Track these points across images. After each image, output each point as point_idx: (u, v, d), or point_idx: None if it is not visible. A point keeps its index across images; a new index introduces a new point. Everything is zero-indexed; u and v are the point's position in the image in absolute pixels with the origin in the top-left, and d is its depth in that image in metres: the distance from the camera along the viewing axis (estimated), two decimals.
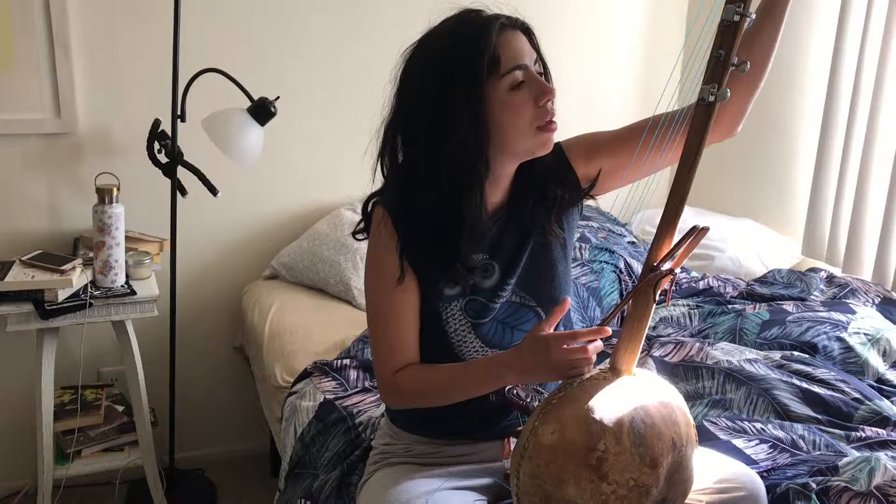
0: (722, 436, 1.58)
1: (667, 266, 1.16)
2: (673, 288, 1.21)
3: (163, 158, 2.27)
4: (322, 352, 2.11)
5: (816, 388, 1.72)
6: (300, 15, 2.54)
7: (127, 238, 2.33)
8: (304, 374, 1.95)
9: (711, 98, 1.09)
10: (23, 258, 2.12)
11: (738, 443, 1.55)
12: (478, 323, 1.39)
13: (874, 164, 2.35)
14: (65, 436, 2.28)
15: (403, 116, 1.33)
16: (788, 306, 2.13)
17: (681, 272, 2.53)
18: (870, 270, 2.39)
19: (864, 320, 2.03)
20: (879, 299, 2.24)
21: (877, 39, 2.32)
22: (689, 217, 2.88)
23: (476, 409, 1.40)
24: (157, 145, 2.27)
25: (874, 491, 1.35)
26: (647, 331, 1.20)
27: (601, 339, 1.21)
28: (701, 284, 2.39)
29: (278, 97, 2.21)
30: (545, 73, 1.33)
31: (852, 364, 1.92)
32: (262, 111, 2.16)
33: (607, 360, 1.23)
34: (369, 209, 1.41)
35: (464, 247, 1.33)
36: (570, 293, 1.49)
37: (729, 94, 1.09)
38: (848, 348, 1.94)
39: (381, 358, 1.39)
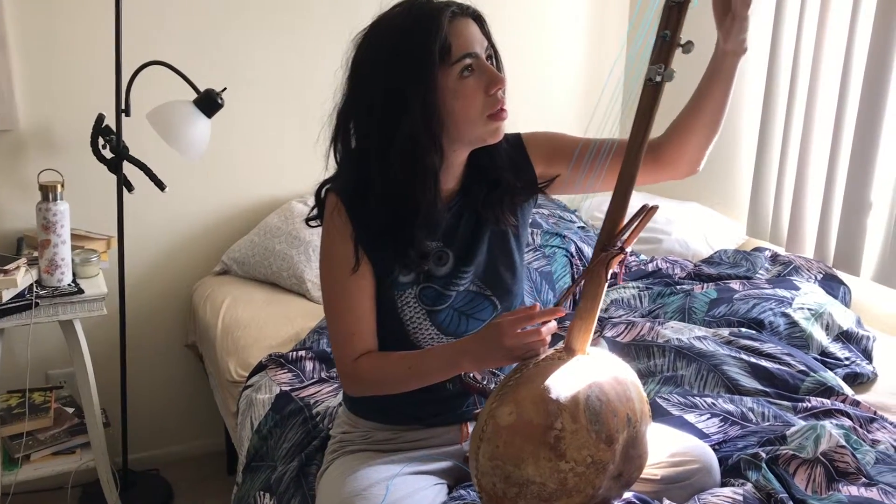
0: (674, 411, 1.61)
1: (618, 246, 1.18)
2: (624, 268, 1.23)
3: (107, 154, 2.23)
4: (276, 345, 2.09)
5: (764, 363, 1.77)
6: (244, 4, 2.51)
7: (73, 236, 2.28)
8: (259, 368, 1.93)
9: (658, 78, 1.10)
10: None
11: (690, 417, 1.58)
12: (433, 310, 1.40)
13: (813, 147, 2.42)
14: (13, 440, 2.22)
15: (355, 102, 1.33)
16: (735, 285, 2.18)
17: (630, 255, 2.57)
18: (812, 248, 2.45)
19: (808, 296, 2.09)
20: (822, 275, 2.31)
21: (812, 25, 2.38)
22: (636, 202, 2.92)
23: (434, 394, 1.41)
24: (101, 140, 2.22)
25: (820, 457, 1.39)
26: (599, 311, 1.22)
27: (555, 319, 1.23)
28: (650, 267, 2.44)
29: (225, 89, 2.18)
30: (496, 60, 1.33)
31: (797, 338, 1.97)
32: (208, 103, 2.13)
33: (561, 343, 1.24)
34: (322, 196, 1.40)
35: (418, 234, 1.33)
36: (524, 285, 1.51)
37: (675, 75, 1.11)
38: (793, 323, 2.00)
39: (339, 346, 1.39)
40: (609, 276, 1.18)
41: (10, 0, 2.22)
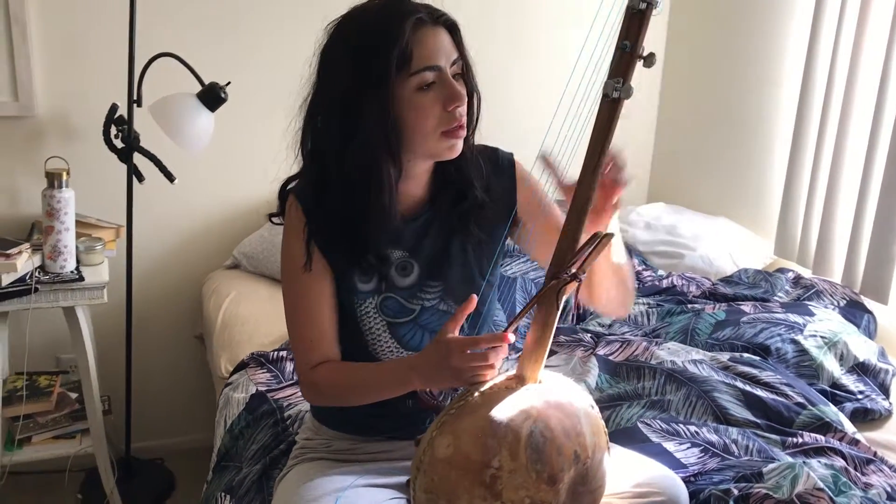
0: (654, 438, 1.53)
1: (569, 273, 1.10)
2: (578, 296, 1.15)
3: (119, 143, 2.24)
4: (269, 343, 2.07)
5: (759, 392, 1.67)
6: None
7: (83, 224, 2.31)
8: (242, 365, 1.91)
9: (616, 94, 1.00)
10: None
11: (669, 446, 1.50)
12: (394, 322, 1.35)
13: (845, 166, 2.28)
14: (16, 422, 2.26)
15: (319, 97, 1.29)
16: (746, 307, 2.07)
17: (645, 269, 2.47)
18: (839, 272, 2.32)
19: (823, 323, 1.97)
20: (845, 301, 2.18)
21: (848, 42, 2.26)
22: (666, 214, 2.83)
23: (395, 408, 1.37)
24: (114, 130, 2.24)
25: (794, 499, 1.29)
26: (557, 337, 1.14)
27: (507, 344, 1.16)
28: (664, 283, 2.34)
29: (229, 82, 2.17)
30: (466, 74, 1.27)
31: (806, 367, 1.86)
32: (211, 96, 2.12)
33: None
34: (286, 194, 1.37)
35: (373, 239, 1.29)
36: (516, 295, 1.45)
37: (633, 91, 1.02)
38: (802, 351, 1.88)
39: (298, 352, 1.36)
40: (562, 305, 1.10)
41: None
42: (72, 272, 2.13)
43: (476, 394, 1.11)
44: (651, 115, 3.14)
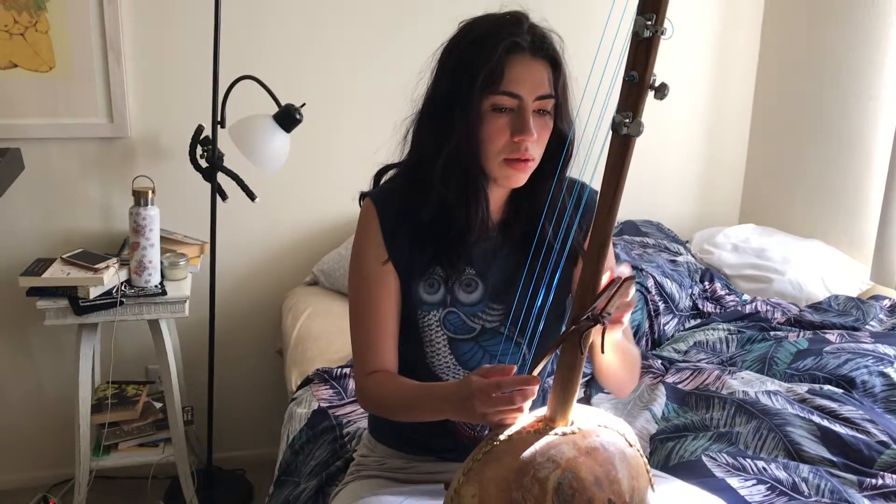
0: (718, 473, 1.45)
1: (589, 316, 1.05)
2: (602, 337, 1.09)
3: (204, 163, 2.32)
4: (338, 359, 2.09)
5: (837, 427, 1.56)
6: (345, 20, 2.56)
7: (170, 240, 2.41)
8: (307, 381, 1.94)
9: (625, 130, 0.93)
10: (64, 256, 2.21)
11: (734, 482, 1.42)
12: (455, 339, 1.34)
13: None
14: (104, 429, 2.36)
15: (427, 94, 1.32)
16: (832, 336, 1.95)
17: (728, 294, 2.37)
18: None
19: None
20: None
21: None
22: (755, 236, 2.71)
23: (446, 427, 1.35)
24: (200, 150, 2.33)
25: None
26: (580, 380, 1.09)
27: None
28: (747, 308, 2.23)
29: (304, 104, 2.22)
30: (557, 112, 1.26)
31: None
32: (287, 118, 2.18)
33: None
34: (380, 179, 1.40)
35: (454, 244, 1.30)
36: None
37: (643, 128, 0.96)
38: (892, 385, 1.75)
39: (357, 355, 1.37)
40: (586, 349, 1.05)
41: (127, 18, 2.38)
42: (155, 286, 2.22)
43: (503, 437, 1.07)
44: (743, 133, 3.03)
